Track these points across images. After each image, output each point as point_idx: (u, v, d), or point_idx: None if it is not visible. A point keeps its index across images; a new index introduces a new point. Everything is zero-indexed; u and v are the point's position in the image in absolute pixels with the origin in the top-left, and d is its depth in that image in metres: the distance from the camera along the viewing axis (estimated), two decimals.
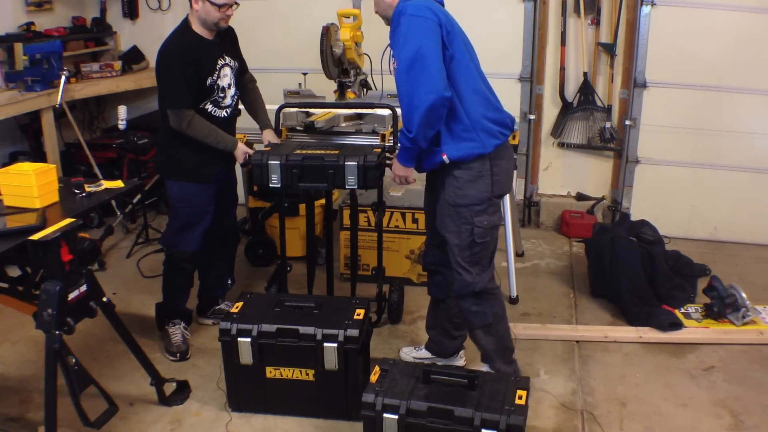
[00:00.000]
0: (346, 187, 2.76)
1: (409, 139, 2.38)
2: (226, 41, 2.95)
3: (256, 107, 3.16)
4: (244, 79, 3.11)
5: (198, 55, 2.78)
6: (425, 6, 2.36)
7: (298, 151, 2.82)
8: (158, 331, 3.16)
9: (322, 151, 2.81)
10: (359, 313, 2.60)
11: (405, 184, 2.65)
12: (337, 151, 2.80)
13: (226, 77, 2.91)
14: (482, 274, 2.55)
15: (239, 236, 3.39)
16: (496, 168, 2.47)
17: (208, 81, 2.82)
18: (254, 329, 2.53)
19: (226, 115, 2.95)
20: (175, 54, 2.74)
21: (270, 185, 2.78)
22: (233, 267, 3.39)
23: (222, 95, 2.91)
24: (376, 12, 2.55)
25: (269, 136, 3.12)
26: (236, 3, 2.83)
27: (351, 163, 2.73)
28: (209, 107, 2.87)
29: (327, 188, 2.79)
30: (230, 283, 3.37)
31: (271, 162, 2.77)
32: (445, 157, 2.42)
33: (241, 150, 2.92)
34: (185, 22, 2.84)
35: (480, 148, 2.42)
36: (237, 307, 2.66)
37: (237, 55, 3.03)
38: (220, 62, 2.88)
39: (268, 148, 3.00)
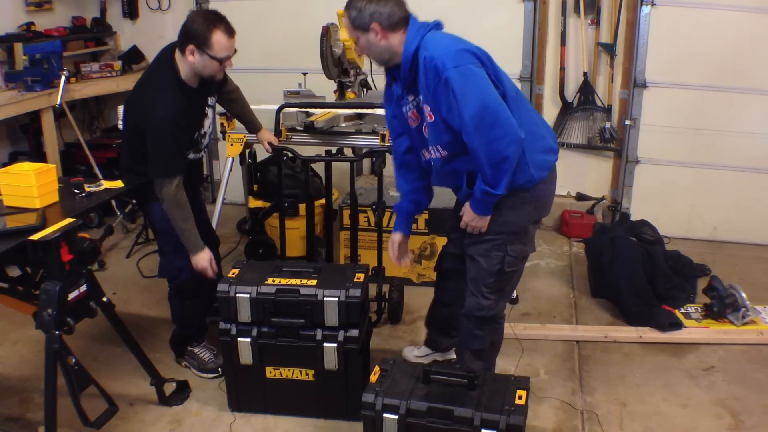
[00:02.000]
0: (326, 324, 2.49)
1: (494, 194, 2.19)
2: (207, 81, 2.67)
3: (245, 114, 3.08)
4: (225, 90, 2.92)
5: (189, 116, 2.59)
6: (461, 51, 2.13)
7: (271, 281, 2.53)
8: (177, 359, 2.99)
9: (298, 281, 2.52)
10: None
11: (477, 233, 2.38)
12: (315, 281, 2.52)
13: (207, 120, 2.74)
14: (499, 302, 2.47)
15: (218, 238, 3.19)
16: (540, 193, 2.34)
17: (195, 135, 2.67)
18: (254, 329, 2.52)
19: (201, 155, 2.81)
20: (167, 118, 2.48)
21: (238, 321, 2.53)
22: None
23: (203, 141, 2.76)
24: (362, 54, 2.36)
25: (268, 136, 3.10)
26: (235, 51, 2.60)
27: (331, 299, 2.46)
28: (191, 155, 2.72)
29: (304, 325, 2.50)
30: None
31: (240, 295, 2.49)
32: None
33: (204, 260, 2.67)
34: (173, 70, 2.54)
35: (529, 181, 2.27)
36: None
37: (214, 89, 2.79)
38: (206, 109, 2.71)
39: (269, 148, 2.99)
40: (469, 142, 2.14)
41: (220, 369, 2.86)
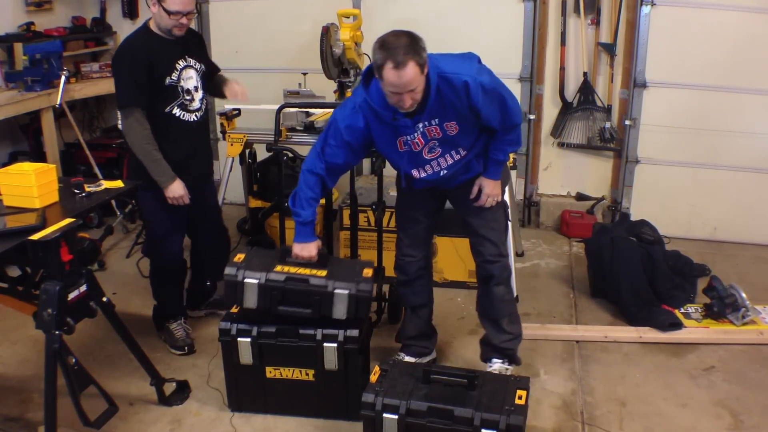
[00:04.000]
0: (333, 317, 2.48)
1: (508, 153, 2.56)
2: (190, 44, 2.87)
3: (217, 81, 3.10)
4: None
5: (152, 54, 2.71)
6: (481, 66, 2.37)
7: (279, 268, 2.53)
8: (157, 332, 3.16)
9: (308, 271, 2.51)
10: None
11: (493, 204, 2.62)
12: (324, 272, 2.52)
13: (190, 79, 2.84)
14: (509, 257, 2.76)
15: (229, 239, 3.37)
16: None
17: (167, 81, 2.75)
18: (254, 329, 2.53)
19: (196, 118, 2.89)
20: (126, 51, 2.72)
21: (243, 306, 2.52)
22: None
23: (189, 98, 2.84)
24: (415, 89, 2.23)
25: (235, 86, 3.06)
26: (192, 12, 2.74)
27: (341, 292, 2.46)
28: (176, 111, 2.82)
29: (311, 315, 2.49)
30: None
31: (248, 281, 2.48)
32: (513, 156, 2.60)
33: (176, 190, 2.80)
34: (146, 23, 2.80)
35: None
36: (236, 307, 2.66)
37: (203, 58, 2.95)
38: (182, 63, 2.80)
39: (239, 97, 3.00)
40: (502, 125, 2.41)
41: (186, 348, 3.01)
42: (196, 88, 2.87)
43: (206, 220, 3.12)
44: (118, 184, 2.70)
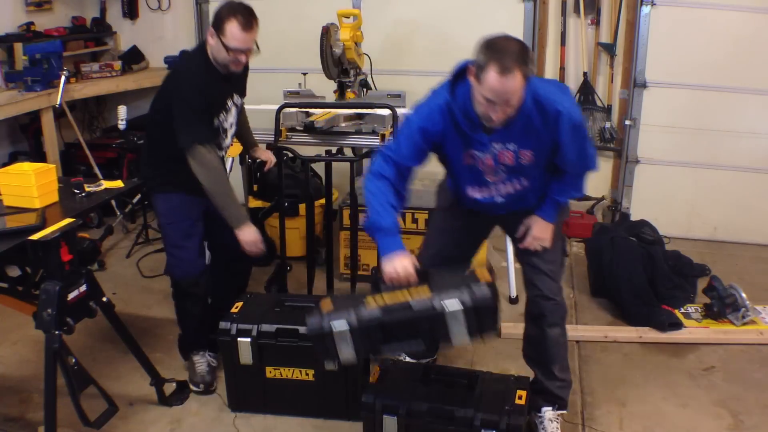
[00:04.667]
0: (454, 343, 2.00)
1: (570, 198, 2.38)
2: (237, 77, 2.70)
3: (242, 132, 3.05)
4: None
5: (210, 91, 2.55)
6: (574, 100, 2.37)
7: (371, 300, 2.02)
8: (183, 361, 2.93)
9: (408, 294, 2.00)
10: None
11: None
12: (427, 289, 2.00)
13: (231, 117, 2.70)
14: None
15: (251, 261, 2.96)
16: None
17: (215, 122, 2.61)
18: (254, 329, 2.53)
19: (222, 155, 2.74)
20: (194, 87, 2.50)
21: (341, 361, 2.05)
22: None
23: (224, 136, 2.71)
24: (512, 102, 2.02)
25: (262, 154, 3.05)
26: (251, 50, 2.55)
27: (454, 309, 1.93)
28: None
29: (427, 346, 2.06)
30: None
31: (337, 328, 1.99)
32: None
33: (251, 234, 2.60)
34: (202, 50, 2.57)
35: None
36: (237, 307, 2.66)
37: (244, 91, 2.81)
38: (230, 102, 2.67)
39: (267, 161, 2.96)
40: (574, 168, 2.26)
41: (203, 386, 2.77)
42: (231, 125, 2.74)
43: (226, 231, 2.79)
44: (118, 184, 2.70)
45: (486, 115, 2.02)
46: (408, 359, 2.82)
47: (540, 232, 2.34)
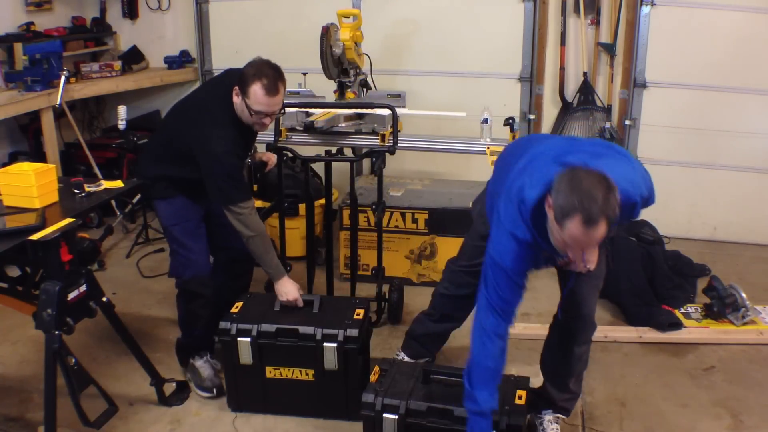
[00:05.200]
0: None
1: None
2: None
3: None
4: None
5: (240, 144, 2.58)
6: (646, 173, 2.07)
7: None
8: (181, 367, 2.89)
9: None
10: (359, 313, 2.59)
11: None
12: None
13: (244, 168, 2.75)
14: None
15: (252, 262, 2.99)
16: None
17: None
18: (254, 329, 2.53)
19: None
20: (235, 155, 2.52)
21: None
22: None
23: None
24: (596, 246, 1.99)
25: (262, 154, 3.06)
26: (276, 113, 2.56)
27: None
28: None
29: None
30: None
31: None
32: None
33: (290, 289, 2.63)
34: (229, 104, 2.53)
35: None
36: (236, 307, 2.66)
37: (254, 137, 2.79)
38: (249, 153, 2.74)
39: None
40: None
41: (215, 390, 2.73)
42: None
43: (228, 232, 2.79)
44: (118, 184, 2.69)
45: (565, 253, 1.93)
46: (407, 359, 2.83)
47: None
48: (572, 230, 1.75)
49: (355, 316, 2.57)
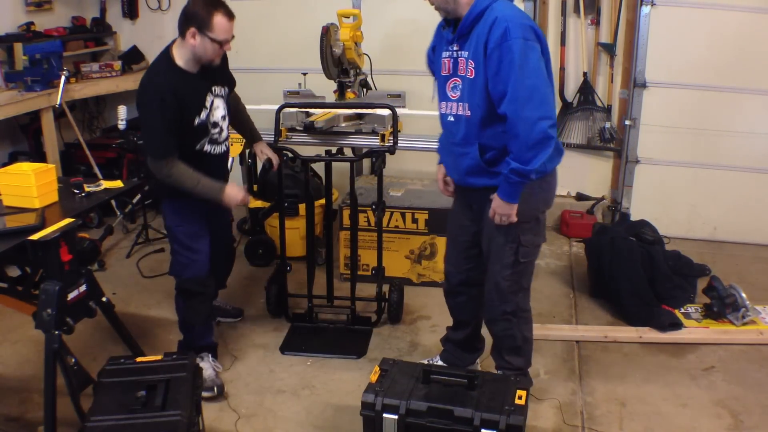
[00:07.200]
0: None
1: (526, 173, 2.18)
2: (216, 68, 2.67)
3: (243, 123, 3.06)
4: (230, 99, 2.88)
5: (181, 95, 2.52)
6: (529, 26, 2.17)
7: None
8: None
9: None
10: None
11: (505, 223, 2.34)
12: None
13: (218, 109, 2.69)
14: (518, 294, 2.51)
15: (234, 249, 3.22)
16: (547, 184, 2.41)
17: (197, 121, 2.59)
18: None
19: (225, 148, 2.80)
20: (154, 96, 2.48)
21: None
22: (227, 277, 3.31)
23: (217, 130, 2.71)
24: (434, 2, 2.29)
25: (264, 149, 3.08)
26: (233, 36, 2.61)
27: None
28: (207, 147, 2.68)
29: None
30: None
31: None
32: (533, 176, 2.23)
33: (232, 193, 2.68)
34: (167, 55, 2.57)
35: (542, 171, 2.26)
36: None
37: (227, 79, 2.80)
38: (210, 97, 2.64)
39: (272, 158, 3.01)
40: (512, 115, 2.15)
41: (216, 389, 2.73)
42: (223, 117, 2.73)
43: (222, 233, 2.99)
44: (118, 184, 2.70)
45: None
46: (440, 362, 2.84)
47: (497, 205, 2.29)
48: None
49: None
